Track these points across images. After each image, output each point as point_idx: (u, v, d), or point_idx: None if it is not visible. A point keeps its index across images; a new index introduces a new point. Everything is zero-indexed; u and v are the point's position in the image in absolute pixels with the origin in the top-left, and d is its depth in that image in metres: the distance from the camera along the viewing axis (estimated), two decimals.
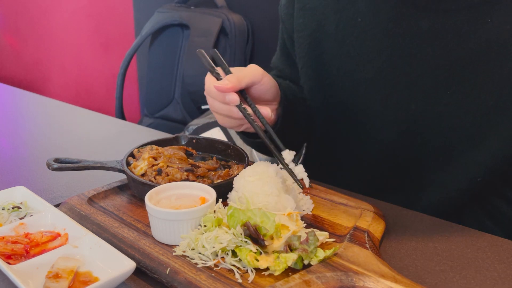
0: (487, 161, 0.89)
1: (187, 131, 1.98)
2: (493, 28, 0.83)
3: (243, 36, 2.29)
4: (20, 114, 1.54)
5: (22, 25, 3.59)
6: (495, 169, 0.90)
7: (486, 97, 0.86)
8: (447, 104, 0.89)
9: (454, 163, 0.92)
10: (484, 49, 0.84)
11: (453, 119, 0.89)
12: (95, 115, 1.49)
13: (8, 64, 3.79)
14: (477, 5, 0.83)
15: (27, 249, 0.70)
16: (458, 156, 0.91)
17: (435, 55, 0.87)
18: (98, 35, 3.16)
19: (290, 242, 0.67)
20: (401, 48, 0.90)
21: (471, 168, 0.91)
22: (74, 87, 3.43)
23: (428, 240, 0.79)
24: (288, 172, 0.80)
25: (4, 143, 1.25)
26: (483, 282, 0.69)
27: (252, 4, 2.34)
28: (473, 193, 0.94)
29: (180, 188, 0.79)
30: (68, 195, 0.93)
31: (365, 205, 0.83)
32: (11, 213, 0.78)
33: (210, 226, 0.71)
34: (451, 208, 0.96)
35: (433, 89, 0.89)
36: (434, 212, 0.92)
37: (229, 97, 0.81)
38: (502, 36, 0.83)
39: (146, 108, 2.58)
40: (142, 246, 0.71)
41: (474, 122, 0.88)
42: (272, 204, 0.76)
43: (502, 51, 0.83)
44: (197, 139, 1.01)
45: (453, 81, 0.87)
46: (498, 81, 0.84)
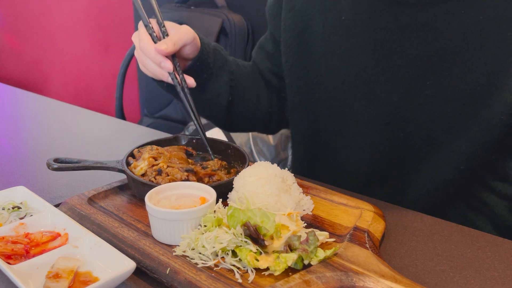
0: (469, 149, 0.92)
1: (187, 131, 1.98)
2: (467, 20, 0.86)
3: (243, 36, 2.28)
4: (20, 114, 1.54)
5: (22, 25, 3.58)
6: (476, 157, 0.92)
7: (464, 87, 0.89)
8: (428, 96, 0.92)
9: (437, 154, 0.95)
10: (460, 40, 0.87)
11: (433, 110, 0.92)
12: (95, 115, 1.49)
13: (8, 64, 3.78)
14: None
15: (27, 249, 0.70)
16: (441, 146, 0.94)
17: (414, 48, 0.91)
18: (98, 35, 3.16)
19: (290, 242, 0.67)
20: (382, 43, 0.93)
21: (454, 157, 0.93)
22: (74, 87, 3.43)
23: (428, 240, 0.79)
24: (201, 136, 0.95)
25: (4, 143, 1.25)
26: (483, 282, 0.69)
27: (252, 4, 2.34)
28: (458, 183, 0.96)
29: (180, 188, 0.79)
30: (68, 195, 0.92)
31: (365, 205, 0.83)
32: (11, 213, 0.78)
33: (210, 226, 0.71)
34: (437, 200, 0.98)
35: (413, 81, 0.92)
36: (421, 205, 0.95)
37: (164, 64, 0.90)
38: (476, 27, 0.86)
39: (146, 108, 2.58)
40: (142, 246, 0.71)
41: (454, 112, 0.91)
42: (272, 204, 0.76)
43: (477, 41, 0.86)
44: (197, 139, 1.01)
45: (432, 73, 0.90)
46: (475, 71, 0.87)
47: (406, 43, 0.91)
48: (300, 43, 1.06)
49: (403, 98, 0.94)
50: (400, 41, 0.91)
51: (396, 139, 0.98)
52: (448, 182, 0.96)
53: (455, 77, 0.89)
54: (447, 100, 0.90)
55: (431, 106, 0.92)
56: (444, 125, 0.92)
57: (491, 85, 0.87)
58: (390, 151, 0.99)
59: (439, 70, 0.90)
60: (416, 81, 0.92)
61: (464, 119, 0.90)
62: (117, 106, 2.52)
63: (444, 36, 0.88)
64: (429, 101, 0.92)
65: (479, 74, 0.87)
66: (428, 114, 0.93)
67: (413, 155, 0.97)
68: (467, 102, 0.89)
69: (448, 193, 0.98)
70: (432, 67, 0.90)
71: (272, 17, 1.14)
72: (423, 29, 0.89)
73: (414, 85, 0.92)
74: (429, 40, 0.89)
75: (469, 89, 0.88)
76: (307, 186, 0.90)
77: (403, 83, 0.93)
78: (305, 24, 1.04)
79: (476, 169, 0.94)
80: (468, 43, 0.87)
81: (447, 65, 0.89)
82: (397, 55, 0.92)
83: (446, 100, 0.91)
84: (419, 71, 0.91)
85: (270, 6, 1.15)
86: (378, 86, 0.96)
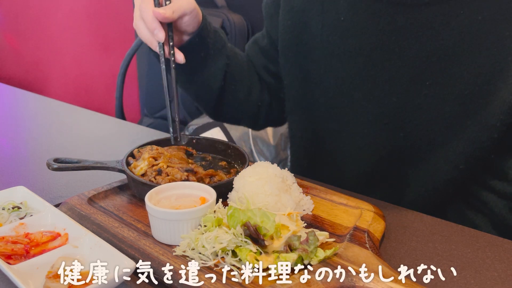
0: (468, 149, 0.92)
1: (187, 131, 1.98)
2: (465, 20, 0.86)
3: (243, 36, 2.28)
4: (20, 114, 1.54)
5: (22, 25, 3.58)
6: (476, 157, 0.92)
7: (462, 87, 0.89)
8: (426, 96, 0.92)
9: (436, 153, 0.95)
10: (458, 40, 0.87)
11: (432, 110, 0.92)
12: (95, 115, 1.49)
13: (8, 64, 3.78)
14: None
15: (27, 249, 0.70)
16: (440, 146, 0.94)
17: (412, 49, 0.91)
18: (98, 35, 3.16)
19: (290, 242, 0.67)
20: (380, 44, 0.93)
21: (453, 157, 0.93)
22: (74, 87, 3.43)
23: (428, 240, 0.79)
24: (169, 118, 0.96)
25: (4, 143, 1.25)
26: (483, 282, 0.69)
27: (252, 4, 2.34)
28: (457, 183, 0.96)
29: (180, 188, 0.79)
30: (68, 195, 0.92)
31: (365, 205, 0.83)
32: (11, 213, 0.78)
33: (210, 226, 0.70)
34: (437, 199, 0.99)
35: (412, 82, 0.92)
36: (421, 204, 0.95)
37: (157, 33, 0.89)
38: (474, 27, 0.86)
39: (146, 108, 2.58)
40: (142, 246, 0.71)
41: (453, 112, 0.91)
42: (272, 204, 0.76)
43: (474, 41, 0.86)
44: (197, 139, 1.01)
45: (430, 73, 0.90)
46: (473, 71, 0.87)
47: (404, 43, 0.91)
48: (299, 44, 1.06)
49: (402, 98, 0.94)
50: (398, 41, 0.91)
51: (395, 139, 0.98)
52: (447, 182, 0.96)
53: (453, 77, 0.89)
54: (446, 100, 0.91)
55: (430, 106, 0.92)
56: (443, 125, 0.92)
57: (490, 85, 0.87)
58: (390, 151, 0.99)
59: (437, 71, 0.90)
60: (415, 81, 0.92)
61: (463, 119, 0.90)
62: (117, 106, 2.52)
63: (442, 36, 0.88)
64: (428, 101, 0.92)
65: (477, 74, 0.87)
66: (427, 114, 0.93)
67: (412, 155, 0.97)
68: (466, 102, 0.89)
69: (447, 193, 0.98)
70: (431, 67, 0.90)
71: (269, 16, 1.14)
72: (421, 30, 0.89)
73: (413, 85, 0.92)
74: (427, 40, 0.89)
75: (468, 89, 0.88)
76: (307, 186, 0.90)
77: (402, 84, 0.93)
78: (304, 25, 1.04)
79: (475, 168, 0.94)
80: (466, 43, 0.87)
81: (446, 66, 0.89)
82: (395, 55, 0.92)
83: (445, 100, 0.91)
84: (418, 72, 0.91)
85: (267, 4, 1.15)
86: (377, 86, 0.96)
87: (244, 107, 1.18)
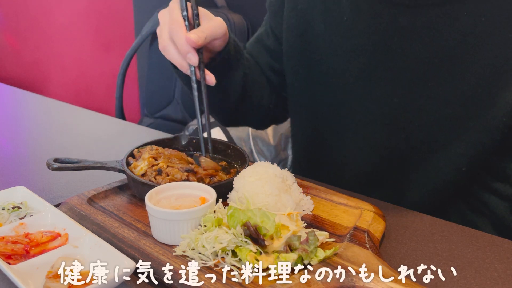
0: (469, 151, 0.91)
1: (187, 131, 1.98)
2: (468, 21, 0.86)
3: (243, 36, 2.28)
4: (20, 114, 1.54)
5: (22, 25, 3.58)
6: (477, 159, 0.92)
7: (465, 89, 0.88)
8: (428, 97, 0.92)
9: (438, 155, 0.95)
10: (460, 41, 0.87)
11: (434, 111, 0.92)
12: (95, 115, 1.49)
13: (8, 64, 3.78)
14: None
15: (27, 249, 0.70)
16: (441, 148, 0.94)
17: (414, 50, 0.90)
18: (98, 35, 3.16)
19: (290, 242, 0.67)
20: (383, 44, 0.93)
21: (455, 159, 0.93)
22: (74, 87, 3.43)
23: (428, 240, 0.79)
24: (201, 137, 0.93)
25: (4, 143, 1.25)
26: (483, 282, 0.69)
27: (252, 4, 2.34)
28: (459, 184, 0.96)
29: (180, 188, 0.79)
30: (68, 195, 0.92)
31: (365, 205, 0.83)
32: (11, 213, 0.78)
33: (210, 226, 0.70)
34: (437, 201, 0.98)
35: (414, 83, 0.92)
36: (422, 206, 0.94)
37: (191, 57, 0.86)
38: (477, 29, 0.86)
39: (146, 108, 2.58)
40: (142, 246, 0.71)
41: (454, 114, 0.91)
42: (272, 204, 0.76)
43: (477, 43, 0.86)
44: (197, 139, 1.01)
45: (432, 75, 0.90)
46: (474, 73, 0.87)
47: (407, 44, 0.91)
48: (303, 43, 1.05)
49: (404, 99, 0.94)
50: (401, 42, 0.91)
51: (396, 140, 0.97)
52: (448, 183, 0.96)
53: (456, 78, 0.89)
54: (447, 101, 0.90)
55: (432, 108, 0.92)
56: (445, 127, 0.92)
57: (492, 87, 0.86)
58: (391, 152, 0.99)
59: (440, 72, 0.89)
60: (417, 82, 0.92)
61: (465, 121, 0.90)
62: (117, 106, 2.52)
63: (445, 37, 0.88)
64: (430, 103, 0.92)
65: (480, 76, 0.87)
66: (428, 115, 0.93)
67: (413, 156, 0.97)
68: (468, 103, 0.89)
69: (448, 194, 0.98)
70: (433, 68, 0.90)
71: (273, 13, 1.13)
72: (424, 31, 0.89)
73: (415, 86, 0.92)
74: (430, 41, 0.89)
75: (470, 91, 0.88)
76: (307, 186, 0.90)
77: (403, 85, 0.93)
78: (307, 24, 1.04)
79: (477, 170, 0.94)
80: (469, 44, 0.86)
81: (448, 67, 0.89)
82: (397, 56, 0.92)
83: (446, 102, 0.90)
84: (420, 73, 0.91)
85: (272, 1, 1.14)
86: (379, 87, 0.96)
87: (256, 111, 1.17)
